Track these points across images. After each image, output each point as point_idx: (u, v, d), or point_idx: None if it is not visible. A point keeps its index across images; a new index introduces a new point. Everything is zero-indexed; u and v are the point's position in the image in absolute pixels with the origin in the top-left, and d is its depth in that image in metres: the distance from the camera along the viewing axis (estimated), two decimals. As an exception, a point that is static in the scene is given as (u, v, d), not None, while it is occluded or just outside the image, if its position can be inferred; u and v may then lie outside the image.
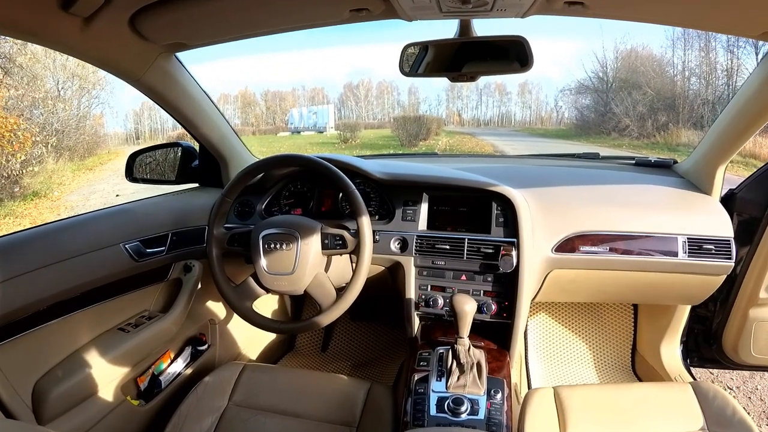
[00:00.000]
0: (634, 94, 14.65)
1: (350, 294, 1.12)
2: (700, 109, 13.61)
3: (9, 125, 7.30)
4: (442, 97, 26.90)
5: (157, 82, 1.18)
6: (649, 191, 1.41)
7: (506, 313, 1.22)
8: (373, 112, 27.77)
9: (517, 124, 25.12)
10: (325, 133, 20.46)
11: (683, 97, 14.25)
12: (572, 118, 19.02)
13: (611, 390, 1.15)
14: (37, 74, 9.93)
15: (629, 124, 14.37)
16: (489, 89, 26.34)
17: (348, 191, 1.13)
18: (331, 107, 23.39)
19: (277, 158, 1.23)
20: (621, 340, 1.88)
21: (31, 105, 9.58)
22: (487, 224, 1.27)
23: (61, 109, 11.05)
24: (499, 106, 26.68)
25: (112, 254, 1.23)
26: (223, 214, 1.23)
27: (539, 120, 24.78)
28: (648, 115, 14.20)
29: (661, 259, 1.25)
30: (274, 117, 27.21)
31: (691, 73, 14.79)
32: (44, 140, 9.29)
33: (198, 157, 1.57)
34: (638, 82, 15.18)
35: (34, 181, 8.56)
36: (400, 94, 28.02)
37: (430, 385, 1.02)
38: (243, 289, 1.18)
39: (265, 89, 29.02)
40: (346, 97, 27.97)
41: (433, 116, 20.64)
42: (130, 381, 1.32)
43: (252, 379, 1.23)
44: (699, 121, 13.26)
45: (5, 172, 7.53)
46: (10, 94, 8.64)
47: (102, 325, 1.27)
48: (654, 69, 15.57)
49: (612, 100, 15.55)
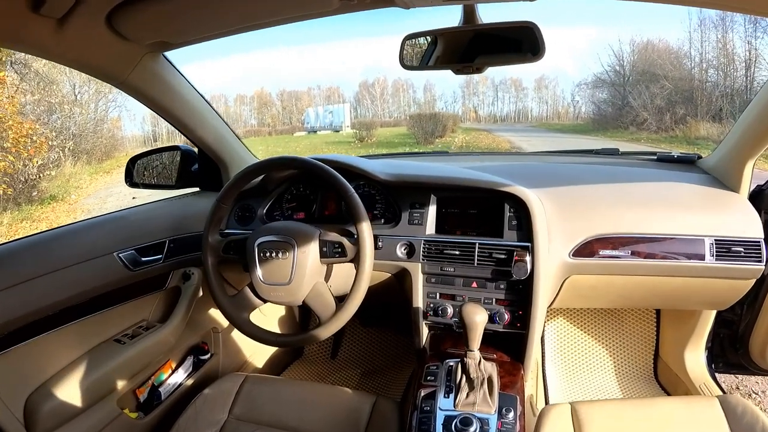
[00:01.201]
0: (652, 87, 14.44)
1: (350, 307, 1.05)
2: (718, 101, 13.37)
3: (24, 130, 7.41)
4: (458, 93, 26.91)
5: (144, 84, 1.12)
6: (672, 189, 1.31)
7: (520, 323, 1.14)
8: (389, 110, 27.89)
9: (534, 120, 24.86)
10: (341, 132, 20.57)
11: (701, 89, 14.02)
12: (589, 112, 18.88)
13: (633, 406, 1.06)
14: (54, 79, 10.09)
15: (647, 118, 14.14)
16: (505, 85, 26.21)
17: (347, 195, 1.06)
18: (346, 106, 23.47)
19: (272, 161, 1.17)
20: (643, 346, 1.79)
21: (48, 110, 9.75)
22: (499, 227, 1.18)
23: (78, 114, 11.22)
24: (516, 101, 26.50)
25: (106, 264, 1.19)
26: (218, 220, 1.17)
27: (556, 115, 24.47)
28: (666, 108, 13.98)
29: (686, 263, 1.15)
30: (290, 117, 27.43)
31: (708, 65, 14.54)
32: (61, 144, 9.45)
33: (197, 161, 1.53)
34: (656, 74, 14.95)
35: (51, 185, 8.70)
36: (416, 92, 28.10)
37: (437, 402, 0.95)
38: (240, 300, 1.12)
39: (281, 89, 29.24)
40: (362, 95, 28.09)
41: (449, 113, 20.66)
42: (127, 393, 1.28)
43: (253, 392, 1.19)
44: (718, 113, 13.02)
45: (23, 176, 7.66)
46: (26, 99, 8.80)
47: (97, 337, 1.23)
48: (671, 61, 15.35)
49: (629, 94, 15.37)
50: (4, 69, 7.91)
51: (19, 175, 7.61)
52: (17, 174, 7.57)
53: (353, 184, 1.34)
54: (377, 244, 1.14)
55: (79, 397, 1.13)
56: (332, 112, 22.55)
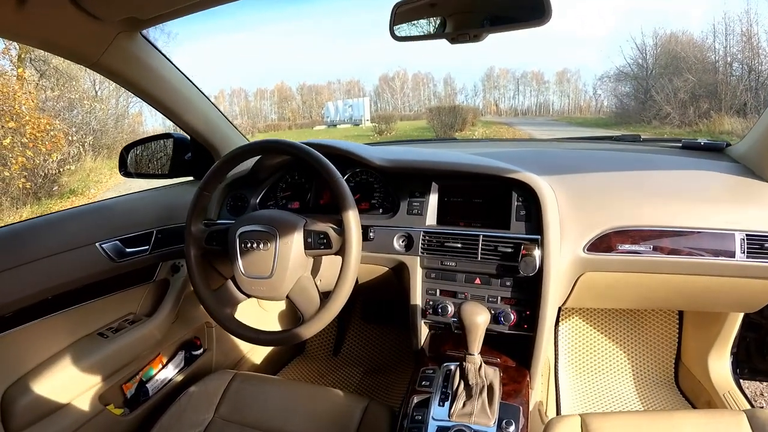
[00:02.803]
0: (675, 80, 14.09)
1: (334, 304, 0.95)
2: (743, 95, 12.95)
3: (42, 125, 7.52)
4: (479, 87, 26.53)
5: (120, 65, 1.05)
6: (699, 178, 1.18)
7: (527, 324, 1.03)
8: (410, 103, 27.69)
9: (555, 113, 24.43)
10: (361, 126, 20.54)
11: (725, 83, 13.56)
12: (611, 106, 18.44)
13: (649, 420, 0.95)
14: (73, 75, 10.24)
15: (670, 112, 13.76)
16: (526, 78, 25.80)
17: (332, 180, 0.97)
18: (366, 100, 23.29)
19: (255, 144, 1.08)
20: (664, 350, 1.67)
21: (69, 106, 9.90)
22: (506, 218, 1.08)
23: (98, 109, 11.39)
24: (537, 95, 25.98)
25: (87, 254, 1.13)
26: (201, 209, 1.09)
27: (578, 109, 23.96)
28: (690, 102, 13.59)
29: (714, 260, 1.03)
30: (310, 111, 27.37)
31: (733, 59, 14.12)
32: (81, 139, 9.57)
33: (191, 149, 1.46)
34: (679, 67, 14.58)
35: (72, 179, 8.85)
36: (436, 85, 27.86)
37: (430, 410, 0.85)
38: (222, 294, 1.05)
39: (301, 83, 29.27)
40: (382, 89, 27.95)
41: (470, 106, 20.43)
42: (112, 389, 1.23)
43: (241, 391, 1.12)
44: (742, 108, 12.62)
45: (42, 171, 7.79)
46: (46, 95, 8.94)
47: (80, 330, 1.18)
48: (695, 54, 14.95)
49: (652, 87, 15.00)
50: (22, 66, 8.04)
51: (38, 170, 7.75)
52: (37, 169, 7.70)
53: (349, 171, 1.26)
54: (368, 235, 1.05)
55: (59, 391, 1.08)
56: (352, 106, 22.39)
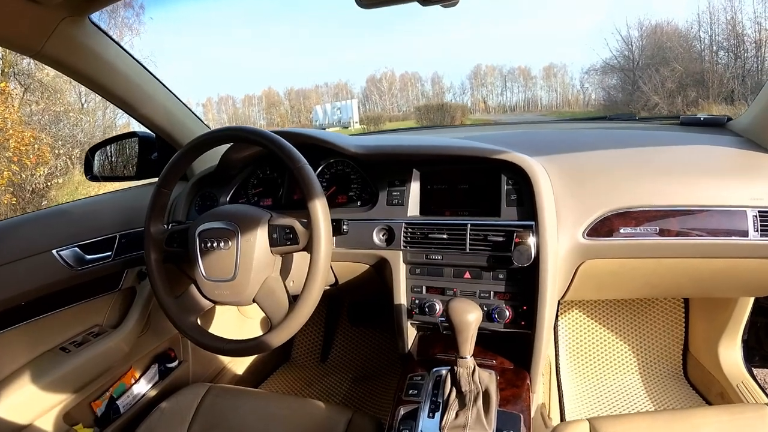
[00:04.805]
0: (662, 70, 14.34)
1: (303, 308, 0.85)
2: (730, 83, 13.24)
3: (26, 139, 7.40)
4: (467, 85, 26.56)
5: (66, 55, 0.95)
6: (704, 153, 1.09)
7: (525, 321, 0.94)
8: (398, 104, 27.65)
9: (544, 109, 24.52)
10: (350, 128, 20.56)
11: (712, 71, 13.85)
12: (599, 99, 18.65)
13: (666, 421, 0.86)
14: (58, 88, 10.10)
15: (658, 102, 13.95)
16: (513, 74, 25.83)
17: (295, 166, 0.86)
18: (354, 102, 23.30)
19: (214, 133, 0.97)
20: (670, 341, 1.59)
21: (55, 119, 9.77)
22: (495, 204, 0.98)
23: (84, 121, 11.25)
24: (525, 90, 26.00)
25: (42, 262, 1.03)
26: (160, 208, 0.99)
27: (566, 103, 24.01)
28: (677, 91, 13.86)
29: (726, 240, 0.93)
30: (299, 115, 27.33)
31: (718, 47, 14.42)
32: (68, 152, 9.44)
33: (156, 147, 1.36)
34: (666, 58, 14.84)
35: (60, 193, 8.72)
36: (424, 85, 27.90)
37: (418, 423, 0.76)
38: (185, 301, 0.95)
39: (288, 87, 29.29)
40: (370, 91, 27.94)
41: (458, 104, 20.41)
42: (80, 407, 1.14)
43: (216, 405, 1.03)
44: (730, 95, 12.89)
45: (30, 186, 7.66)
46: (31, 109, 8.81)
47: (39, 346, 1.08)
48: (681, 44, 15.26)
49: (639, 78, 15.24)
50: (5, 80, 7.92)
51: (26, 185, 7.61)
52: (24, 183, 7.56)
53: (323, 163, 1.16)
54: (341, 229, 0.95)
55: (20, 411, 0.99)
56: (340, 109, 22.41)
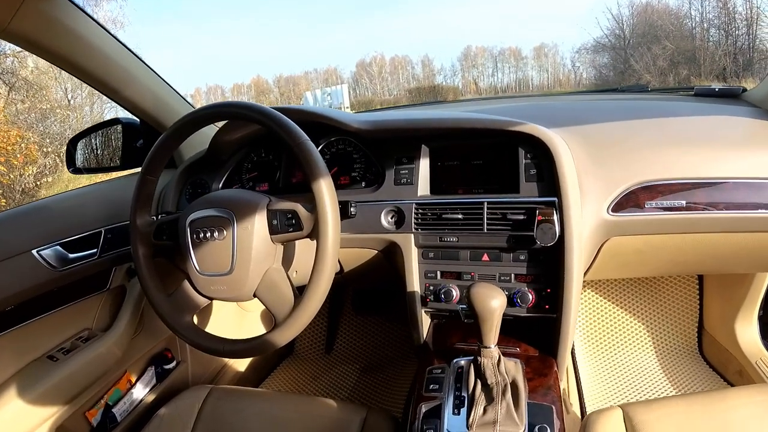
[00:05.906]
0: (654, 48, 14.47)
1: (311, 301, 0.76)
2: (721, 60, 13.40)
3: (12, 138, 7.25)
4: (457, 67, 26.36)
5: (36, 32, 0.86)
6: (726, 124, 1.02)
7: (549, 305, 0.87)
8: (389, 87, 27.62)
9: (535, 89, 24.49)
10: (341, 113, 20.45)
11: (703, 49, 14.04)
12: (591, 77, 18.61)
13: (700, 404, 0.79)
14: (44, 85, 9.88)
15: (650, 80, 14.08)
16: (504, 55, 25.71)
17: (296, 144, 0.77)
18: (345, 87, 23.03)
19: (202, 111, 0.86)
20: (685, 318, 1.56)
21: (42, 117, 9.57)
22: (513, 180, 0.91)
23: (72, 118, 11.03)
24: (516, 71, 26.00)
25: (21, 264, 0.94)
26: (146, 198, 0.90)
27: (557, 83, 23.98)
28: (669, 69, 14.06)
29: (755, 213, 0.88)
30: (289, 102, 27.24)
31: (710, 25, 14.59)
32: (56, 150, 9.27)
33: (141, 134, 1.27)
34: (657, 36, 14.88)
35: (50, 191, 8.59)
36: (414, 68, 27.83)
37: (443, 421, 0.69)
38: (179, 299, 0.87)
39: (277, 75, 29.02)
40: (360, 75, 27.90)
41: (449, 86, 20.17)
42: (74, 417, 1.06)
43: (218, 408, 0.97)
44: (721, 73, 13.04)
45: (19, 186, 7.52)
46: (17, 108, 8.62)
47: (25, 355, 1.00)
48: (672, 22, 15.37)
49: (631, 57, 15.26)
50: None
51: (15, 185, 7.47)
52: (14, 184, 7.42)
53: (323, 141, 1.08)
54: (348, 211, 0.87)
55: (6, 428, 0.91)
56: (331, 94, 22.11)
